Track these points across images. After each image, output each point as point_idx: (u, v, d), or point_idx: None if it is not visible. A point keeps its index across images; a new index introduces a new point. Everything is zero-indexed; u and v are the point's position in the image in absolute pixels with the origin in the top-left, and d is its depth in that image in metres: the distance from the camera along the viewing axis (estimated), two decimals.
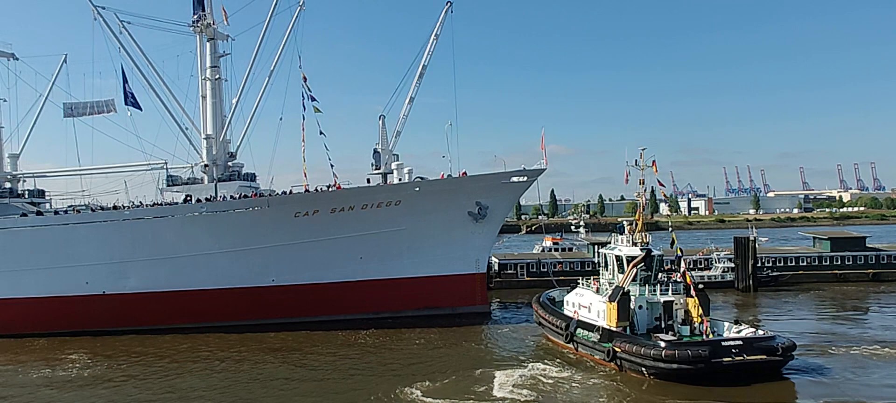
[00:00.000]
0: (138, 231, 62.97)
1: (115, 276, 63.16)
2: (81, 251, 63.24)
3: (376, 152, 71.99)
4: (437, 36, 71.23)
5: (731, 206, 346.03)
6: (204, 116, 71.27)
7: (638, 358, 40.77)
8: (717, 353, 39.18)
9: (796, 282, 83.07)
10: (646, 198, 52.24)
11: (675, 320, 45.36)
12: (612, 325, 44.35)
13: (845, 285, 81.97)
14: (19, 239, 64.38)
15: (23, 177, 76.88)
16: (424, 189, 63.33)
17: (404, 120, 73.24)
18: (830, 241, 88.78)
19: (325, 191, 63.20)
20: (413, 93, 72.18)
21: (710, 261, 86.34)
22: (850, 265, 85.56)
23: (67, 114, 72.89)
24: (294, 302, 63.39)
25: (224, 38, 71.56)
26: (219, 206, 62.92)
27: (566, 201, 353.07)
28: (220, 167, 70.69)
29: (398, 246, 64.27)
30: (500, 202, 65.66)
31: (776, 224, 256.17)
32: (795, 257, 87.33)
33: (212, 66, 70.42)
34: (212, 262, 62.78)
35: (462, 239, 65.26)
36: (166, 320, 62.33)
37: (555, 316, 51.25)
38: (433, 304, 65.29)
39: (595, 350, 45.01)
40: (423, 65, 71.82)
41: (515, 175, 64.56)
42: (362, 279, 64.50)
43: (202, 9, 70.08)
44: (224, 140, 71.47)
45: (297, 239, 62.35)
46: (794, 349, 40.78)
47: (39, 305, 63.47)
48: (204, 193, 67.30)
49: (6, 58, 74.71)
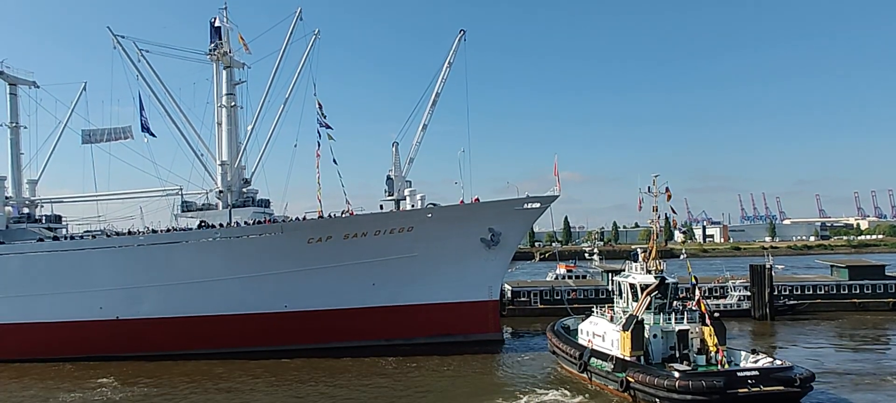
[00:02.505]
0: (153, 256, 63.36)
1: (129, 301, 63.49)
2: (96, 276, 63.73)
3: (389, 179, 72.16)
4: (450, 64, 71.73)
5: (747, 234, 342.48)
6: (219, 143, 71.95)
7: (651, 389, 40.18)
8: (733, 384, 38.40)
9: (814, 311, 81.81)
10: (660, 226, 51.93)
11: (691, 349, 44.76)
12: (626, 354, 43.85)
13: (864, 314, 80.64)
14: (36, 263, 65.00)
15: (41, 202, 77.90)
16: (437, 215, 63.36)
17: (417, 147, 73.60)
18: (848, 269, 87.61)
19: (339, 217, 63.43)
20: (426, 120, 72.57)
21: (725, 289, 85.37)
22: (869, 294, 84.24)
23: (85, 141, 73.99)
24: (307, 328, 63.29)
25: (240, 65, 72.49)
26: (233, 232, 63.27)
27: (580, 228, 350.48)
28: (234, 193, 71.15)
29: (411, 272, 64.14)
30: (513, 229, 65.47)
31: (792, 251, 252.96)
32: (813, 285, 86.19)
33: (228, 94, 71.20)
34: (225, 288, 62.97)
35: (475, 266, 65.01)
36: (179, 345, 62.40)
37: (569, 345, 50.78)
38: (446, 331, 64.86)
39: (609, 380, 44.47)
40: (437, 92, 72.24)
41: (528, 201, 64.43)
42: (375, 305, 64.36)
43: (219, 38, 71.14)
44: (239, 166, 72.02)
45: (310, 266, 62.45)
46: (813, 379, 39.99)
47: (54, 330, 63.82)
48: (218, 219, 67.67)
49: (28, 85, 76.21)
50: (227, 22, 71.00)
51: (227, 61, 71.14)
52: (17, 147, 75.45)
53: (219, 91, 71.96)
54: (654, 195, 49.83)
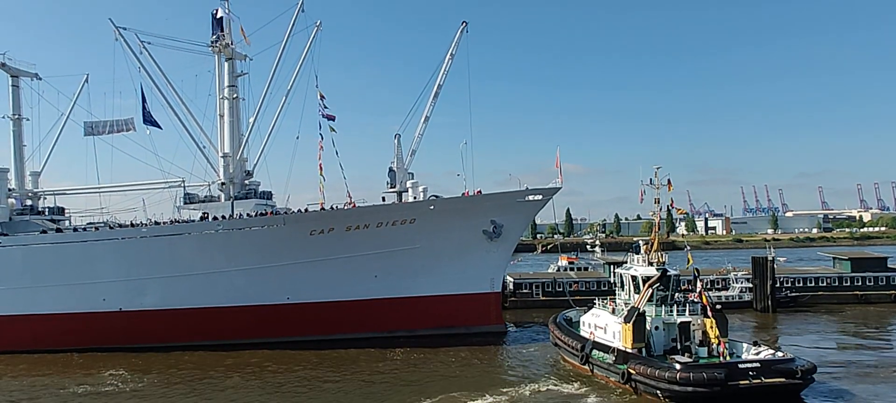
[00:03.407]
0: (155, 248, 63.45)
1: (131, 293, 63.66)
2: (99, 268, 63.87)
3: (391, 171, 72.18)
4: (452, 55, 71.63)
5: (749, 226, 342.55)
6: (221, 135, 72.00)
7: (652, 381, 40.26)
8: (734, 376, 38.49)
9: (816, 303, 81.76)
10: (662, 218, 51.91)
11: (693, 341, 44.85)
12: (628, 346, 43.92)
13: (866, 306, 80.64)
14: (39, 255, 65.13)
15: (43, 194, 78.05)
16: (439, 207, 63.36)
17: (420, 139, 73.61)
18: (851, 262, 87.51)
19: (341, 209, 63.47)
20: (428, 112, 72.56)
21: (727, 282, 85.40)
22: (871, 286, 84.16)
23: (88, 133, 74.10)
24: (309, 320, 63.43)
25: (242, 57, 72.46)
26: (235, 224, 63.36)
27: (582, 220, 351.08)
28: (236, 185, 71.22)
29: (413, 264, 64.20)
30: (515, 221, 65.48)
31: (795, 244, 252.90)
32: (815, 277, 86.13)
33: (229, 86, 71.19)
34: (228, 280, 63.09)
35: (477, 258, 65.07)
36: (181, 337, 62.57)
37: (570, 337, 50.84)
38: (448, 323, 65.00)
39: (610, 372, 44.55)
40: (439, 84, 72.19)
41: (530, 193, 64.38)
42: (377, 297, 64.48)
43: (221, 29, 71.04)
44: (241, 158, 72.06)
45: (312, 258, 62.52)
46: (815, 371, 40.03)
47: (56, 321, 64.00)
48: (220, 211, 67.78)
49: (30, 77, 76.21)
50: (228, 13, 70.95)
51: (229, 53, 71.10)
52: (19, 139, 75.52)
53: (221, 83, 71.94)
54: (657, 187, 49.80)
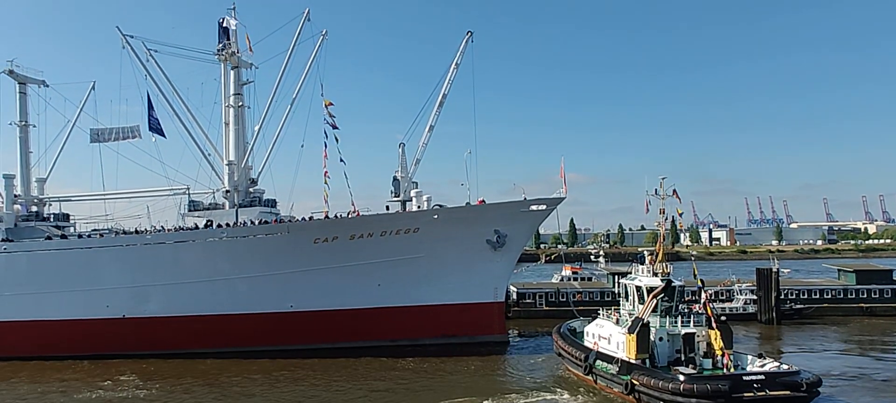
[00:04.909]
0: (159, 255, 63.62)
1: (135, 300, 63.74)
2: (103, 274, 64.02)
3: (396, 179, 72.15)
4: (457, 65, 71.63)
5: (753, 237, 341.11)
6: (226, 143, 72.23)
7: (656, 392, 40.07)
8: (738, 388, 38.25)
9: (820, 315, 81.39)
10: (666, 228, 51.80)
11: (697, 352, 44.67)
12: (632, 357, 43.78)
13: (871, 319, 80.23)
14: (43, 261, 65.35)
15: (49, 200, 78.29)
16: (443, 216, 63.37)
17: (424, 148, 73.47)
18: (856, 274, 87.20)
19: (345, 217, 63.53)
20: (433, 121, 72.49)
21: (731, 293, 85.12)
22: (876, 298, 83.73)
23: (94, 140, 74.29)
24: (312, 328, 63.38)
25: (248, 66, 72.76)
26: (239, 232, 63.44)
27: (586, 230, 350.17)
28: (241, 193, 71.37)
29: (416, 273, 64.16)
30: (518, 230, 65.42)
31: (799, 255, 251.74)
32: (820, 289, 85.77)
33: (235, 94, 71.49)
34: (231, 287, 63.18)
35: (480, 268, 64.99)
36: (185, 344, 62.55)
37: (574, 347, 50.69)
38: (451, 332, 64.88)
39: (614, 383, 44.37)
40: (444, 93, 72.15)
41: (534, 203, 64.37)
42: (380, 306, 64.40)
43: (227, 38, 71.48)
44: (246, 166, 72.25)
45: (316, 266, 62.54)
46: (820, 384, 39.75)
47: (60, 328, 64.10)
48: (225, 219, 67.88)
49: (37, 84, 76.57)
50: (235, 22, 71.31)
51: (235, 61, 71.41)
52: (25, 145, 75.77)
53: (226, 91, 72.27)
54: (662, 197, 49.71)
